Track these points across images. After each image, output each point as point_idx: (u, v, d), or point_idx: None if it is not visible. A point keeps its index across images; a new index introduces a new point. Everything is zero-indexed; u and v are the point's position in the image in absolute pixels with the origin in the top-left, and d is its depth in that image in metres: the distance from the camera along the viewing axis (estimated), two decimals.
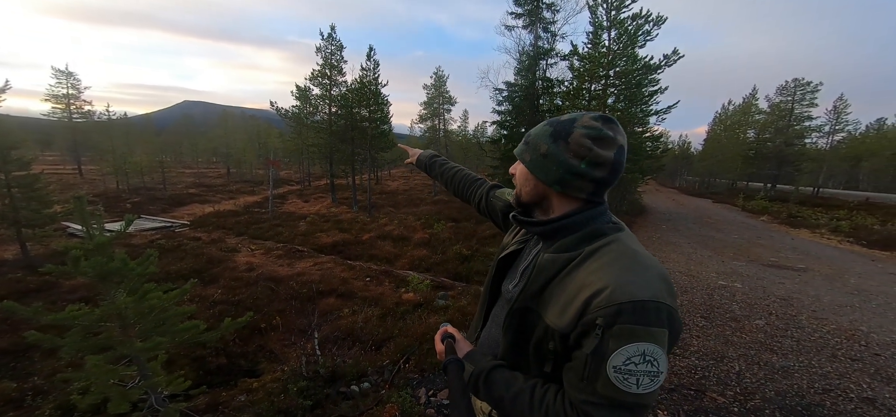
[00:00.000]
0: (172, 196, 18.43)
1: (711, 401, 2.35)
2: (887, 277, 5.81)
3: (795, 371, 2.73)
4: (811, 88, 22.62)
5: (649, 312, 0.57)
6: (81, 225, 2.16)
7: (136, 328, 2.30)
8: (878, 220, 12.59)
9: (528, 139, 0.73)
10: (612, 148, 0.65)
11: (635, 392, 0.57)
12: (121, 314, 2.20)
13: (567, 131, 0.67)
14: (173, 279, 5.92)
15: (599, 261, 0.63)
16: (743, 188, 26.48)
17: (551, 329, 0.65)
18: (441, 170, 1.32)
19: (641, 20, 10.00)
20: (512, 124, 11.81)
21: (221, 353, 3.87)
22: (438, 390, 2.73)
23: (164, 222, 11.66)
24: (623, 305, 0.57)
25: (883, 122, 34.80)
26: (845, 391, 2.47)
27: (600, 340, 0.57)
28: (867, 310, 4.16)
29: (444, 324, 0.90)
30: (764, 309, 4.18)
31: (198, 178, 28.72)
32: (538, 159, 0.70)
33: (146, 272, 2.32)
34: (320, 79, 16.99)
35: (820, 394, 2.43)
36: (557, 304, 0.65)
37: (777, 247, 8.17)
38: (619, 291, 0.58)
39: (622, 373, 0.57)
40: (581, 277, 0.64)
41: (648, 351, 0.56)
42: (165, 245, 8.32)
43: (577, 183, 0.67)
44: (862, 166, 31.21)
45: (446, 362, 0.74)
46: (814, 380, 2.61)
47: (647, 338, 0.56)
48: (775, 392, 2.46)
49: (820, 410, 2.25)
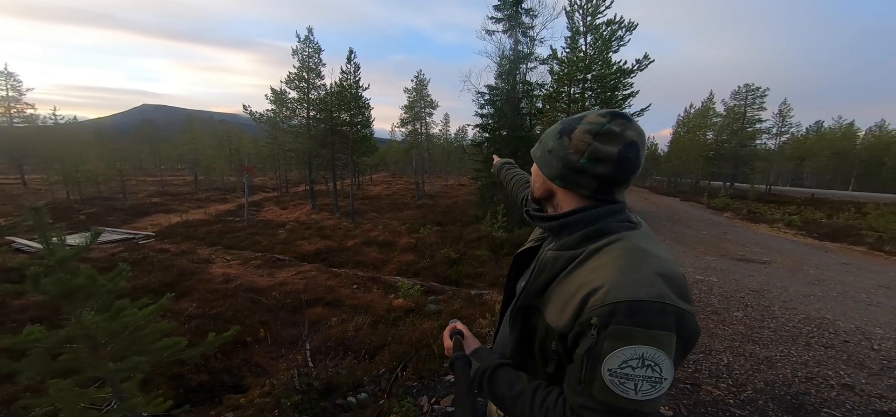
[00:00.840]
0: (134, 206, 17.16)
1: (708, 394, 2.44)
2: (841, 267, 6.35)
3: (778, 361, 2.89)
4: (760, 93, 24.64)
5: (649, 313, 0.53)
6: (40, 238, 1.94)
7: (107, 348, 2.10)
8: (825, 215, 13.82)
9: (542, 137, 0.75)
10: (617, 143, 0.63)
11: (633, 397, 0.54)
12: (90, 334, 2.00)
13: (572, 127, 0.67)
14: (141, 294, 5.47)
15: (602, 259, 0.61)
16: (706, 187, 28.27)
17: (552, 328, 0.64)
18: (505, 175, 1.42)
19: (615, 26, 10.45)
20: (494, 127, 11.95)
21: (202, 369, 3.64)
22: (441, 397, 2.67)
23: (125, 234, 10.81)
24: (618, 305, 0.54)
25: (821, 125, 38.43)
26: (826, 378, 2.64)
27: (595, 341, 0.55)
28: (829, 299, 4.51)
29: (453, 321, 0.89)
30: (740, 301, 4.43)
31: (161, 187, 26.96)
32: (545, 155, 0.71)
33: (117, 288, 2.13)
34: (297, 83, 16.49)
35: (804, 383, 2.58)
36: (558, 303, 0.64)
37: (743, 242, 8.74)
38: (617, 290, 0.55)
39: (618, 377, 0.54)
40: (581, 276, 0.62)
41: (648, 355, 0.53)
42: (129, 258, 7.70)
43: (577, 179, 0.66)
44: (805, 165, 34.26)
45: (453, 358, 0.74)
46: (796, 369, 2.77)
47: (645, 341, 0.52)
48: (764, 382, 2.59)
49: (807, 399, 2.38)
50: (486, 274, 6.30)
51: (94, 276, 1.96)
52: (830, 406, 2.30)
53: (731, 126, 26.13)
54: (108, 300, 2.09)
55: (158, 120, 54.12)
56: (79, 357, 1.96)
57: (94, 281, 1.96)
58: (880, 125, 38.57)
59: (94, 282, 1.95)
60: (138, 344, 2.15)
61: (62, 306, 1.96)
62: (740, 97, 25.44)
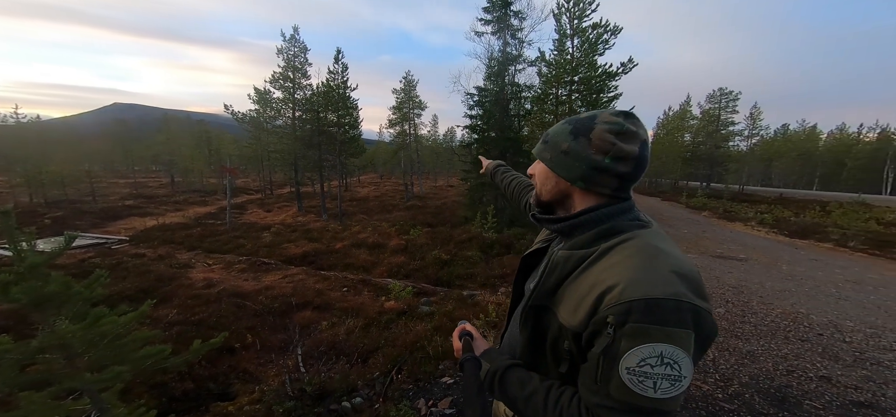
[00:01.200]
0: (105, 209, 16.33)
1: (697, 389, 2.53)
2: (810, 263, 6.72)
3: (760, 355, 3.03)
4: (733, 97, 25.83)
5: (666, 311, 0.53)
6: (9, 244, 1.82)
7: (84, 358, 1.99)
8: (793, 213, 14.60)
9: (547, 138, 0.73)
10: (636, 142, 0.65)
11: (652, 396, 0.53)
12: (64, 344, 1.88)
13: (588, 127, 0.67)
14: (117, 301, 5.24)
15: (615, 258, 0.61)
16: (684, 186, 29.34)
17: (565, 328, 0.64)
18: (501, 179, 1.37)
19: (600, 29, 10.70)
20: (483, 128, 12.02)
21: (187, 377, 3.51)
22: (438, 399, 2.65)
23: (96, 238, 10.27)
24: (634, 303, 0.54)
25: (787, 127, 40.64)
26: (805, 371, 2.78)
27: (612, 340, 0.55)
28: (802, 294, 4.76)
29: (462, 322, 0.89)
30: (721, 297, 4.61)
31: (135, 189, 25.79)
32: (559, 157, 0.69)
33: (93, 295, 2.03)
34: (282, 82, 16.10)
35: (785, 376, 2.71)
36: (571, 302, 0.64)
37: (720, 240, 9.12)
38: (632, 288, 0.55)
39: (636, 376, 0.53)
40: (595, 274, 0.62)
41: (667, 353, 0.52)
42: (102, 264, 7.33)
43: (601, 178, 0.66)
44: (774, 166, 36.14)
45: (462, 360, 0.74)
46: (777, 363, 2.90)
47: (663, 339, 0.52)
48: (748, 376, 2.70)
49: (790, 391, 2.50)
50: (477, 275, 6.32)
51: (69, 283, 1.86)
52: (811, 398, 2.42)
53: (707, 128, 27.26)
54: (83, 308, 1.98)
55: (131, 119, 51.75)
56: (52, 368, 1.85)
57: (69, 288, 1.85)
58: (841, 128, 41.16)
59: (68, 290, 1.84)
60: (118, 354, 2.05)
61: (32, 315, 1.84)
62: (715, 100, 26.59)
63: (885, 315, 4.01)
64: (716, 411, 2.28)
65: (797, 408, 2.29)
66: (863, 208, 14.77)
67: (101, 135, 39.73)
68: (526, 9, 11.82)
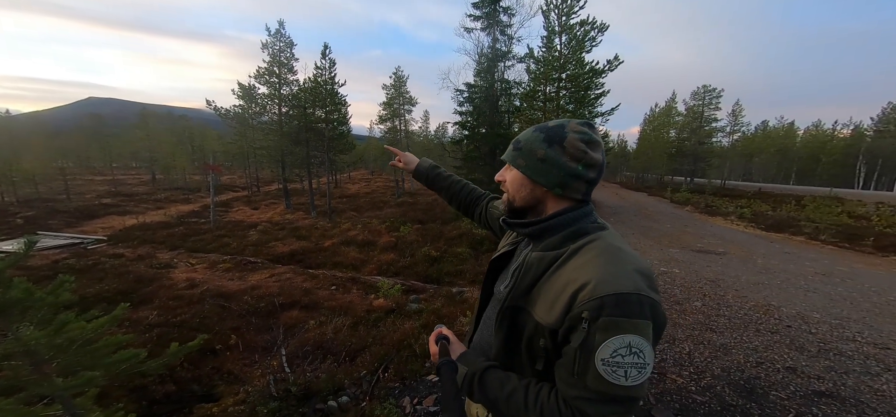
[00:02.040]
0: (80, 207, 15.73)
1: (672, 382, 2.62)
2: (783, 256, 7.00)
3: (732, 348, 3.15)
4: (716, 94, 26.50)
5: (631, 304, 0.58)
6: None
7: (52, 364, 1.94)
8: (770, 207, 15.15)
9: (519, 145, 0.75)
10: (600, 150, 0.72)
11: (624, 384, 0.58)
12: (29, 350, 1.84)
13: (561, 136, 0.71)
14: (92, 303, 5.09)
15: (584, 258, 0.66)
16: (669, 182, 30.04)
17: (541, 325, 0.67)
18: (445, 184, 1.29)
19: (588, 26, 10.81)
20: (473, 125, 12.04)
21: (168, 380, 3.45)
22: (423, 397, 2.68)
23: (71, 238, 9.91)
24: (606, 298, 0.59)
25: (767, 124, 41.97)
26: (772, 362, 2.90)
27: (587, 334, 0.59)
28: (774, 287, 4.96)
29: (439, 326, 0.91)
30: (698, 291, 4.77)
31: (114, 186, 24.88)
32: (536, 164, 0.72)
33: (59, 300, 1.98)
34: (268, 77, 15.75)
35: (755, 367, 2.83)
36: (546, 301, 0.67)
37: (701, 234, 9.40)
38: (603, 285, 0.60)
39: (610, 366, 0.58)
40: (566, 273, 0.66)
41: (634, 343, 0.58)
42: (77, 265, 7.09)
43: (574, 184, 0.71)
44: (754, 161, 37.34)
45: (439, 364, 0.74)
46: (748, 355, 3.03)
47: (631, 330, 0.58)
48: (721, 368, 2.81)
49: (758, 382, 2.61)
50: (466, 272, 6.37)
51: (31, 289, 1.81)
52: (777, 388, 2.54)
53: (691, 124, 27.94)
54: (48, 313, 1.94)
55: (107, 114, 49.82)
56: (19, 374, 1.81)
57: (31, 294, 1.80)
58: (816, 125, 42.73)
59: (30, 296, 1.79)
60: (89, 359, 2.01)
61: None
62: (699, 97, 27.24)
63: (850, 306, 4.22)
64: (689, 403, 2.38)
65: (764, 399, 2.40)
66: (835, 202, 15.45)
67: (75, 130, 38.04)
68: (515, 5, 11.87)
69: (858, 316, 3.88)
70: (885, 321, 3.76)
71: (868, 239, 8.23)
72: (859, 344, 3.20)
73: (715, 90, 26.50)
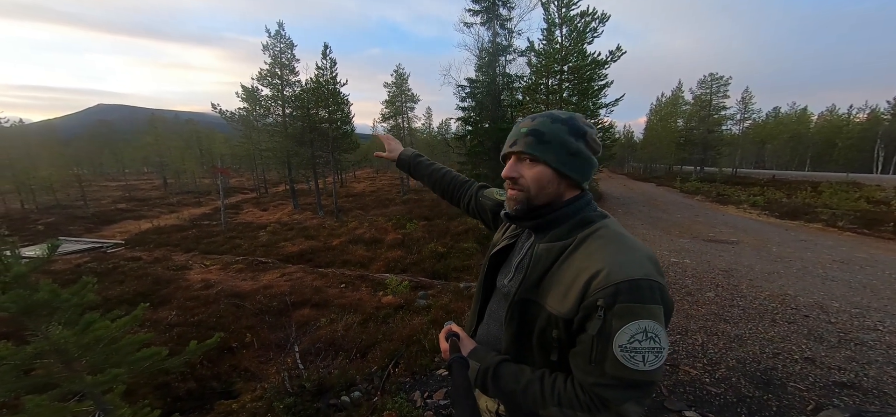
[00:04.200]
0: (98, 213, 16.16)
1: (686, 374, 2.60)
2: (799, 244, 6.84)
3: (747, 339, 3.10)
4: (723, 82, 25.88)
5: (644, 290, 0.59)
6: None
7: (82, 361, 2.03)
8: (784, 194, 14.80)
9: (545, 138, 0.71)
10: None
11: (643, 369, 0.59)
12: (59, 349, 1.92)
13: (582, 130, 0.73)
14: (114, 304, 5.26)
15: (593, 246, 0.66)
16: (678, 171, 29.54)
17: (554, 316, 0.67)
18: (428, 171, 1.27)
19: (588, 18, 10.64)
20: (476, 120, 11.98)
21: (189, 377, 3.57)
22: (433, 391, 2.71)
23: (91, 243, 10.21)
24: (620, 285, 0.59)
25: (778, 110, 40.85)
26: (790, 353, 2.85)
27: (603, 321, 0.59)
28: (790, 276, 4.86)
29: (448, 323, 0.90)
30: (711, 281, 4.70)
31: (127, 192, 25.49)
32: (567, 158, 0.71)
33: (83, 301, 2.06)
34: (270, 79, 15.89)
35: (771, 358, 2.78)
36: (558, 291, 0.67)
37: (712, 223, 9.24)
38: (616, 272, 0.60)
39: (628, 352, 0.58)
40: (577, 262, 0.66)
41: (649, 328, 0.58)
42: (97, 268, 7.30)
43: (592, 176, 0.75)
44: (766, 148, 36.43)
45: (451, 360, 0.74)
46: (764, 346, 2.97)
47: (646, 315, 0.58)
48: (735, 360, 2.77)
49: (775, 374, 2.57)
50: (473, 267, 6.38)
51: (57, 291, 1.88)
52: (795, 379, 2.49)
53: (699, 113, 27.34)
54: (74, 314, 2.01)
55: (116, 120, 50.83)
56: (52, 371, 1.89)
57: (57, 295, 1.87)
58: (831, 109, 41.41)
59: (56, 297, 1.87)
60: (115, 356, 2.09)
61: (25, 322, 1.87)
62: (706, 86, 26.62)
63: (870, 294, 4.11)
64: (703, 395, 2.35)
65: (782, 390, 2.36)
66: (852, 187, 15.01)
67: (86, 137, 38.95)
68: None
69: (879, 305, 3.78)
70: None
71: (888, 225, 7.99)
72: (881, 334, 3.12)
73: (722, 78, 25.87)
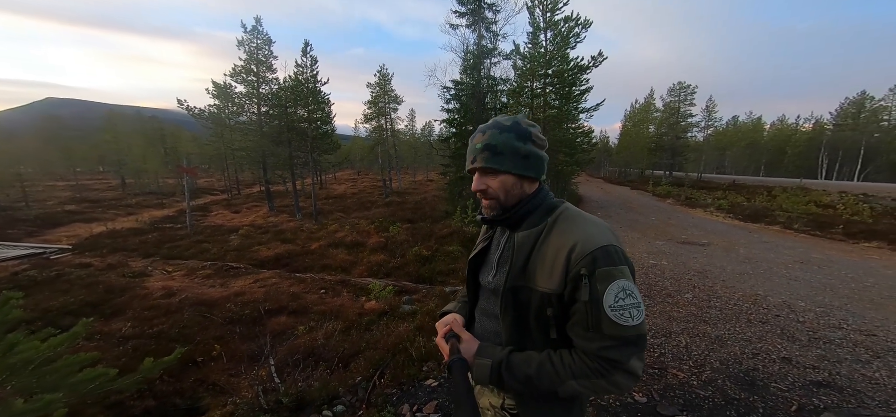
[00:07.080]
0: (41, 215, 14.69)
1: (674, 377, 2.61)
2: (763, 245, 7.27)
3: (727, 340, 3.19)
4: (690, 90, 27.50)
5: (613, 255, 0.68)
6: None
7: (6, 387, 1.74)
8: (745, 198, 15.81)
9: (498, 150, 0.78)
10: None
11: (632, 324, 0.66)
12: None
13: (526, 131, 0.79)
14: (56, 318, 4.72)
15: (563, 226, 0.75)
16: (650, 176, 30.94)
17: (546, 294, 0.73)
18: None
19: (572, 23, 10.88)
20: (460, 122, 11.93)
21: (147, 394, 3.22)
22: (423, 404, 2.57)
23: (31, 248, 9.21)
24: (595, 252, 0.67)
25: (737, 119, 43.89)
26: (768, 353, 2.95)
27: (590, 287, 0.67)
28: (758, 276, 5.12)
29: (445, 320, 0.90)
30: (688, 283, 4.86)
31: (78, 192, 23.39)
32: (521, 162, 0.78)
33: (7, 318, 1.78)
34: (245, 76, 15.13)
35: (751, 359, 2.86)
36: (543, 270, 0.73)
37: (684, 226, 9.67)
38: (588, 243, 0.69)
39: (616, 310, 0.65)
40: (554, 241, 0.74)
41: (626, 287, 0.67)
42: (38, 277, 6.57)
43: (545, 167, 0.83)
44: (726, 154, 38.98)
45: (451, 361, 0.75)
46: (744, 346, 3.06)
47: (620, 276, 0.67)
48: (719, 361, 2.83)
49: (757, 374, 2.63)
50: (459, 270, 6.27)
51: None
52: (776, 380, 2.56)
53: (668, 120, 28.84)
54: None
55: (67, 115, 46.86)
56: None
57: None
58: (781, 119, 45.00)
59: None
60: (49, 379, 1.81)
61: None
62: (675, 93, 28.16)
63: (830, 293, 4.38)
64: (693, 398, 2.37)
65: (765, 392, 2.41)
66: (803, 192, 16.27)
67: (32, 132, 35.37)
68: (500, 2, 11.80)
69: (840, 303, 4.03)
70: (865, 307, 3.92)
71: (837, 227, 8.67)
72: (846, 332, 3.30)
73: (689, 87, 27.49)
